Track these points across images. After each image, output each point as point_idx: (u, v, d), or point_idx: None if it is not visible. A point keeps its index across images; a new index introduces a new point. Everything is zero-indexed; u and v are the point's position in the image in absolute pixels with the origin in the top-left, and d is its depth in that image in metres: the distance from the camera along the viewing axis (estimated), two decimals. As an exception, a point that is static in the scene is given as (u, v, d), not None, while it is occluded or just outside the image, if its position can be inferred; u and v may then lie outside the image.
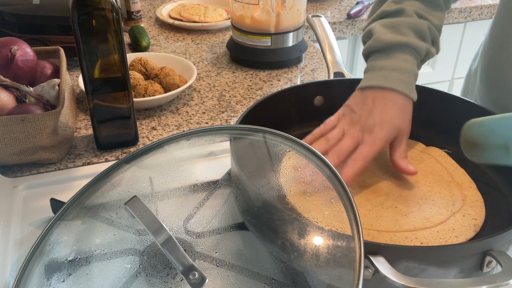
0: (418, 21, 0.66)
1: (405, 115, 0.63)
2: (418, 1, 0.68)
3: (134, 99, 0.81)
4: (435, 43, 0.68)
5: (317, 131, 0.65)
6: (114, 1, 0.67)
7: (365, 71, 0.67)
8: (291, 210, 0.48)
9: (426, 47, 0.66)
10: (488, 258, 0.47)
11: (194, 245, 0.45)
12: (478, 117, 0.63)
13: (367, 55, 0.69)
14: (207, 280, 0.39)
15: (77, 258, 0.45)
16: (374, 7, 0.73)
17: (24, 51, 0.80)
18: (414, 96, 0.64)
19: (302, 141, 0.49)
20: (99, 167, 0.66)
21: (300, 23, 1.06)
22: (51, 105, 0.76)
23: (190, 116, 0.89)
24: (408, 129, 0.64)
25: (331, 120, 0.65)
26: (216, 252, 0.45)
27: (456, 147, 0.70)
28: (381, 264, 0.45)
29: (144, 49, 1.15)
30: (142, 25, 1.26)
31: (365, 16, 1.42)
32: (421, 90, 0.73)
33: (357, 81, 0.67)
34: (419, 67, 0.67)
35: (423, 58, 0.67)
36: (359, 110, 0.64)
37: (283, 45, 1.05)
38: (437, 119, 0.72)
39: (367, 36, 0.69)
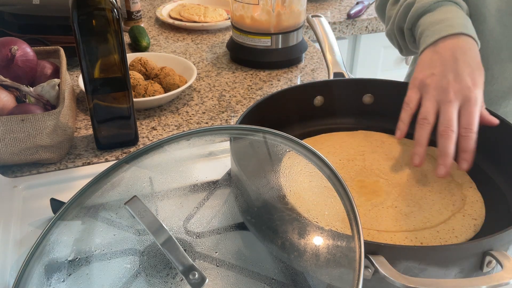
0: None
1: (480, 59, 0.60)
2: None
3: (134, 99, 0.81)
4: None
5: (404, 115, 0.60)
6: (114, 1, 0.67)
7: (421, 33, 0.64)
8: (291, 210, 0.48)
9: (466, 6, 0.66)
10: (488, 258, 0.47)
11: (194, 245, 0.45)
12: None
13: (414, 21, 0.67)
14: (207, 280, 0.39)
15: (77, 258, 0.45)
16: (389, 12, 0.75)
17: (24, 51, 0.80)
18: (478, 41, 0.62)
19: (302, 141, 0.49)
20: (99, 167, 0.66)
21: (300, 23, 1.06)
22: (51, 105, 0.76)
23: (190, 116, 0.89)
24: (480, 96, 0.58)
25: (411, 97, 0.59)
26: (216, 252, 0.45)
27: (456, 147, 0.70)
28: (381, 264, 0.45)
29: (144, 49, 1.15)
30: (142, 25, 1.26)
31: (365, 16, 1.42)
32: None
33: (357, 81, 0.67)
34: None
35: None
36: (440, 70, 0.58)
37: (283, 45, 1.05)
38: (437, 119, 0.71)
39: (407, 8, 0.68)
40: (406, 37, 0.73)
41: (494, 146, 0.65)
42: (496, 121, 0.59)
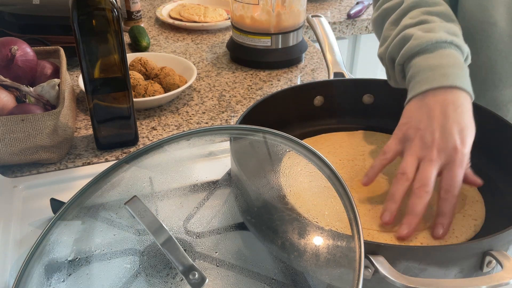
0: (449, 25, 0.61)
1: (472, 115, 0.55)
2: (434, 15, 0.63)
3: (134, 99, 0.81)
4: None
5: (378, 162, 0.57)
6: (114, 1, 0.67)
7: (412, 77, 0.59)
8: (291, 210, 0.48)
9: (467, 48, 0.60)
10: (488, 258, 0.47)
11: (194, 245, 0.45)
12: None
13: (407, 59, 0.61)
14: (207, 280, 0.39)
15: (77, 258, 0.45)
16: (386, 32, 0.67)
17: (24, 51, 0.80)
18: (473, 95, 0.56)
19: (302, 141, 0.49)
20: (99, 167, 0.66)
21: (300, 23, 1.06)
22: (51, 105, 0.76)
23: (190, 116, 0.89)
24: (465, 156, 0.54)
25: (390, 148, 0.56)
26: (216, 252, 0.45)
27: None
28: (381, 264, 0.45)
29: (144, 49, 1.15)
30: (142, 25, 1.26)
31: (365, 16, 1.42)
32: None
33: (357, 81, 0.67)
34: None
35: (464, 59, 0.60)
36: (426, 125, 0.54)
37: (283, 45, 1.05)
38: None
39: (403, 41, 0.61)
40: (395, 72, 0.64)
41: (495, 146, 0.65)
42: (479, 182, 0.55)
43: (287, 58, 1.07)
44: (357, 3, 1.46)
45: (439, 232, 0.53)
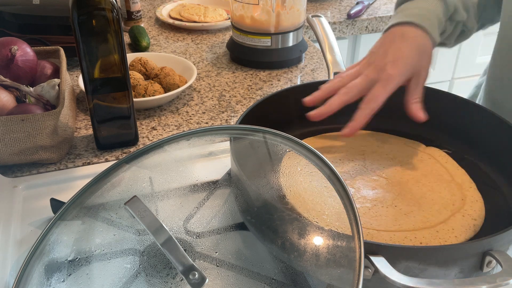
0: None
1: (423, 55, 0.61)
2: None
3: (134, 99, 0.81)
4: (467, 10, 0.67)
5: (336, 76, 0.64)
6: (114, 1, 0.67)
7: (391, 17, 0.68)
8: (291, 210, 0.48)
9: (453, 4, 0.65)
10: (488, 258, 0.47)
11: (194, 245, 0.45)
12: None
13: (398, 5, 0.70)
14: (207, 280, 0.39)
15: (77, 258, 0.45)
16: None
17: (24, 51, 0.80)
18: (436, 36, 0.61)
19: (302, 141, 0.49)
20: (99, 167, 0.66)
21: (300, 23, 1.06)
22: (51, 105, 0.76)
23: (190, 116, 0.89)
24: (426, 72, 0.61)
25: (351, 66, 0.64)
26: (216, 252, 0.45)
27: (456, 147, 0.70)
28: (381, 264, 0.45)
29: (144, 49, 1.15)
30: (142, 25, 1.26)
31: (365, 16, 1.42)
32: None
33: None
34: (444, 19, 0.65)
35: (451, 13, 0.65)
36: (376, 50, 0.62)
37: (283, 45, 1.05)
38: (437, 119, 0.71)
39: None
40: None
41: (495, 146, 0.65)
42: (422, 117, 0.60)
43: (287, 58, 1.07)
44: (357, 3, 1.46)
45: (345, 131, 0.61)
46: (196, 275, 0.39)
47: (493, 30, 0.82)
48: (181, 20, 1.30)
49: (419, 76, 0.61)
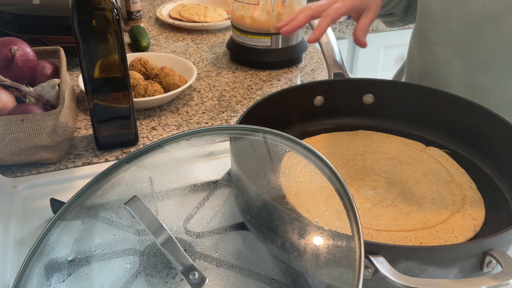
0: None
1: None
2: None
3: (134, 99, 0.81)
4: None
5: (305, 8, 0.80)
6: (114, 1, 0.67)
7: None
8: (291, 210, 0.48)
9: None
10: (488, 258, 0.47)
11: (194, 245, 0.45)
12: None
13: None
14: (207, 280, 0.39)
15: (77, 258, 0.45)
16: None
17: (24, 51, 0.80)
18: None
19: (302, 141, 0.49)
20: (99, 167, 0.66)
21: (300, 23, 1.06)
22: (51, 105, 0.76)
23: (190, 116, 0.89)
24: (376, 7, 0.77)
25: None
26: (216, 252, 0.45)
27: (456, 147, 0.70)
28: (381, 264, 0.45)
29: (144, 49, 1.15)
30: (142, 25, 1.26)
31: (365, 16, 1.42)
32: (421, 90, 0.73)
33: (357, 81, 0.67)
34: None
35: None
36: None
37: (283, 45, 1.05)
38: (437, 119, 0.72)
39: None
40: None
41: (495, 146, 0.65)
42: (364, 44, 0.78)
43: (287, 58, 1.07)
44: (357, 3, 1.46)
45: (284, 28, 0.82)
46: (196, 275, 0.39)
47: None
48: (181, 20, 1.30)
49: (369, 9, 0.77)
